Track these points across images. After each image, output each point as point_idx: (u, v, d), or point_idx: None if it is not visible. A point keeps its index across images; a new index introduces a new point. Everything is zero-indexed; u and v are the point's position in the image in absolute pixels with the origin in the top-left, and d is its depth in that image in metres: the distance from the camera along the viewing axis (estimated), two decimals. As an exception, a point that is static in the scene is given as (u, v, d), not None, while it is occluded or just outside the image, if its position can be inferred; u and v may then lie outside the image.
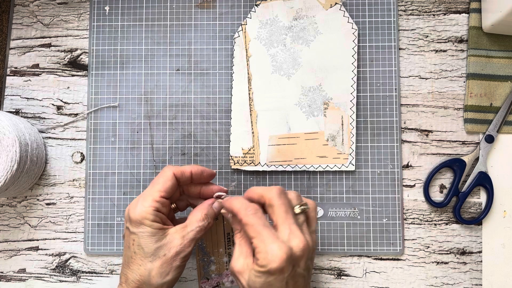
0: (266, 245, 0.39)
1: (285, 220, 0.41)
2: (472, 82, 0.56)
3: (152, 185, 0.45)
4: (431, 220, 0.56)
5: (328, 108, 0.56)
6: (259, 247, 0.39)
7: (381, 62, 0.57)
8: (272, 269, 0.38)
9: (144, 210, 0.43)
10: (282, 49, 0.57)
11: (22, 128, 0.53)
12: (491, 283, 0.55)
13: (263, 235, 0.39)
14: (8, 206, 0.57)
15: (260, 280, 0.39)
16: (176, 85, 0.57)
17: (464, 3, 0.58)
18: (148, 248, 0.43)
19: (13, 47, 0.58)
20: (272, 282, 0.39)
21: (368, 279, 0.56)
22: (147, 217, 0.43)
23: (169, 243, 0.43)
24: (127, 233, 0.45)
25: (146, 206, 0.43)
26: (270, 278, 0.39)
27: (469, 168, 0.56)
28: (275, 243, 0.39)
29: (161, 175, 0.45)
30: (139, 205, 0.43)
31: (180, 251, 0.43)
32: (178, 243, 0.43)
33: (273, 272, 0.39)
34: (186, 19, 0.58)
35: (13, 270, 0.57)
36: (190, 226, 0.45)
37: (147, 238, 0.43)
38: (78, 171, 0.57)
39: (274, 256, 0.38)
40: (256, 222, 0.40)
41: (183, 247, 0.44)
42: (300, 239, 0.40)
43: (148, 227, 0.43)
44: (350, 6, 0.57)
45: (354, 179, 0.56)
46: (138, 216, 0.43)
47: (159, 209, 0.44)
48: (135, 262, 0.44)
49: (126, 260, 0.45)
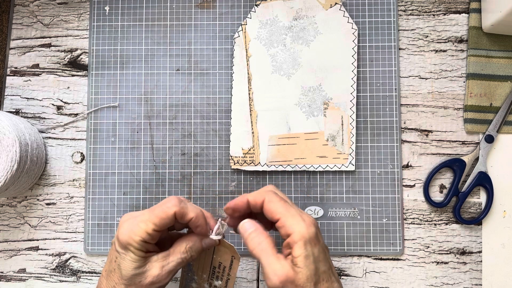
0: (295, 217, 0.40)
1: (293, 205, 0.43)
2: (472, 82, 0.56)
3: (151, 212, 0.42)
4: (431, 220, 0.56)
5: (328, 108, 0.56)
6: (288, 220, 0.40)
7: (381, 62, 0.57)
8: (313, 235, 0.39)
9: (132, 237, 0.41)
10: (282, 49, 0.57)
11: (22, 128, 0.53)
12: (491, 283, 0.55)
13: (290, 211, 0.41)
14: (8, 206, 0.57)
15: (311, 258, 0.39)
16: (176, 85, 0.57)
17: (464, 3, 0.58)
18: (126, 272, 0.42)
19: (13, 47, 0.58)
20: (318, 254, 0.39)
21: (368, 279, 0.56)
22: (133, 244, 0.41)
23: (147, 271, 0.42)
24: (113, 246, 0.43)
25: (136, 235, 0.41)
26: (315, 249, 0.39)
27: (469, 168, 0.56)
28: (302, 214, 0.41)
29: (163, 209, 0.42)
30: (130, 229, 0.42)
31: (156, 281, 0.42)
32: (155, 273, 0.42)
33: (314, 240, 0.39)
34: (186, 19, 0.58)
35: (13, 270, 0.57)
36: (172, 256, 0.43)
37: (128, 262, 0.42)
38: (78, 171, 0.57)
39: (306, 223, 0.40)
40: (280, 199, 0.42)
41: (159, 278, 0.42)
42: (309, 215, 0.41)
43: (131, 253, 0.42)
44: (350, 6, 0.57)
45: (354, 179, 0.56)
46: (126, 240, 0.41)
47: (148, 241, 0.42)
48: (113, 278, 0.43)
49: (106, 271, 0.44)
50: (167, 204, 0.42)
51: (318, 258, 0.39)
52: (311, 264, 0.39)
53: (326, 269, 0.40)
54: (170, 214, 0.42)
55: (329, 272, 0.40)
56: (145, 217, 0.42)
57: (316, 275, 0.39)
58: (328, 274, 0.40)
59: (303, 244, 0.39)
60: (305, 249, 0.39)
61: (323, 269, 0.39)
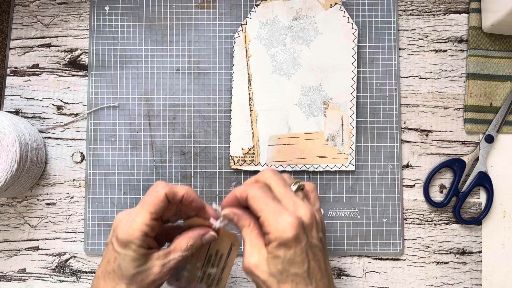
0: (276, 216, 0.38)
1: (286, 194, 0.40)
2: (472, 82, 0.56)
3: (143, 203, 0.42)
4: (431, 220, 0.56)
5: (328, 108, 0.56)
6: (268, 220, 0.38)
7: (381, 62, 0.57)
8: (288, 239, 0.38)
9: (132, 234, 0.41)
10: (282, 49, 0.57)
11: (22, 128, 0.53)
12: (491, 283, 0.55)
13: (271, 207, 0.39)
14: (8, 206, 0.57)
15: (279, 259, 0.38)
16: (176, 85, 0.57)
17: (464, 3, 0.58)
18: (127, 272, 0.41)
19: (13, 47, 0.58)
20: (292, 257, 0.38)
21: (368, 279, 0.56)
22: (134, 241, 0.41)
23: (149, 270, 0.42)
24: (110, 247, 0.42)
25: (135, 229, 0.41)
26: (289, 252, 0.38)
27: (469, 168, 0.56)
28: (284, 213, 0.38)
29: (153, 194, 0.42)
30: (128, 226, 0.41)
31: (157, 279, 0.42)
32: (157, 271, 0.42)
33: (289, 243, 0.38)
34: (186, 19, 0.58)
35: (13, 270, 0.57)
36: (173, 253, 0.43)
37: (129, 262, 0.41)
38: (78, 171, 0.57)
39: (286, 223, 0.38)
40: (263, 194, 0.40)
41: (161, 275, 0.42)
42: (306, 208, 0.39)
43: (132, 252, 0.41)
44: (350, 6, 0.57)
45: (354, 179, 0.56)
46: (126, 238, 0.41)
47: (148, 234, 0.41)
48: (111, 279, 0.42)
49: (102, 272, 0.43)
50: (156, 188, 0.42)
51: (290, 261, 0.38)
52: (278, 264, 0.38)
53: (300, 272, 0.39)
54: (162, 196, 0.42)
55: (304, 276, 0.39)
56: (139, 210, 0.42)
57: (282, 275, 0.39)
58: (302, 278, 0.39)
59: (276, 246, 0.38)
60: (276, 249, 0.38)
61: (294, 271, 0.38)
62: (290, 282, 0.39)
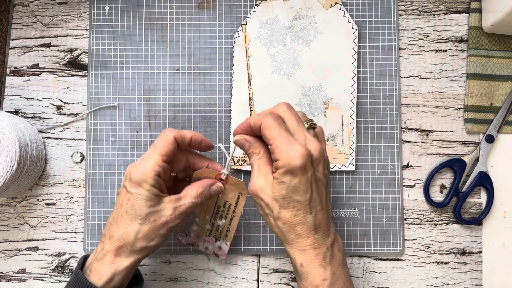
0: (287, 145, 0.40)
1: (299, 128, 0.42)
2: (472, 82, 0.56)
3: (153, 147, 0.45)
4: (431, 220, 0.56)
5: (328, 108, 0.56)
6: (279, 147, 0.40)
7: (381, 62, 0.57)
8: (295, 166, 0.40)
9: (145, 173, 0.43)
10: (282, 49, 0.57)
11: (22, 128, 0.53)
12: (491, 283, 0.55)
13: (283, 137, 0.40)
14: (8, 206, 0.57)
15: (284, 185, 0.40)
16: (176, 85, 0.57)
17: (464, 3, 0.58)
18: (141, 211, 0.44)
19: (13, 47, 0.58)
20: (297, 184, 0.40)
21: (368, 279, 0.56)
22: (147, 180, 0.43)
23: (161, 211, 0.44)
24: (123, 191, 0.45)
25: (148, 169, 0.43)
26: (295, 180, 0.40)
27: (469, 168, 0.56)
28: (295, 143, 0.40)
29: (162, 138, 0.45)
30: (141, 167, 0.44)
31: (169, 221, 0.44)
32: (169, 213, 0.44)
33: (296, 171, 0.40)
34: (186, 19, 0.58)
35: (12, 270, 0.57)
36: (184, 199, 0.45)
37: (142, 201, 0.43)
38: (78, 171, 0.57)
39: (295, 152, 0.40)
40: (277, 125, 0.41)
41: (173, 217, 0.44)
42: (316, 143, 0.41)
43: (146, 191, 0.43)
44: (350, 6, 0.57)
45: (354, 179, 0.56)
46: (139, 177, 0.43)
47: (160, 174, 0.44)
48: (124, 221, 0.44)
49: (115, 217, 0.45)
50: (165, 133, 0.45)
51: (294, 188, 0.40)
52: (282, 190, 0.41)
53: (302, 200, 0.41)
54: (171, 139, 0.45)
55: (305, 204, 0.41)
56: (150, 153, 0.44)
57: (284, 200, 0.41)
58: (303, 205, 0.41)
59: (283, 172, 0.40)
60: (283, 176, 0.40)
61: (296, 198, 0.41)
62: (291, 208, 0.41)
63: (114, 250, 0.44)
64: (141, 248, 0.44)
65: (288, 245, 0.43)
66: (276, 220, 0.42)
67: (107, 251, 0.44)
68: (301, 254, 0.42)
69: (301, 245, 0.42)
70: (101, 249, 0.45)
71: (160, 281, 0.56)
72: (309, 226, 0.42)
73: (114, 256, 0.44)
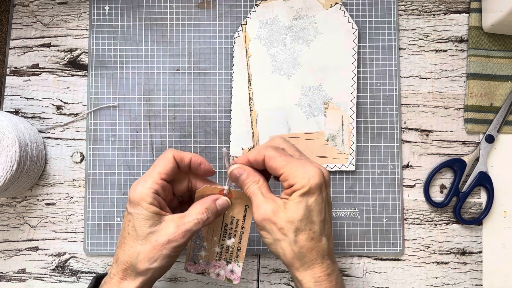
0: (300, 168, 0.41)
1: (301, 156, 0.43)
2: (472, 82, 0.56)
3: (153, 167, 0.44)
4: (431, 220, 0.56)
5: (328, 108, 0.56)
6: (293, 172, 0.41)
7: (381, 62, 0.57)
8: (315, 184, 0.40)
9: (143, 192, 0.43)
10: (282, 49, 0.57)
11: (22, 128, 0.53)
12: (491, 283, 0.55)
13: (293, 162, 0.41)
14: (8, 206, 0.57)
15: (302, 205, 0.40)
16: (176, 85, 0.57)
17: (464, 3, 0.58)
18: (141, 231, 0.43)
19: (13, 47, 0.58)
20: (314, 204, 0.40)
21: (368, 279, 0.56)
22: (145, 199, 0.42)
23: (163, 230, 0.43)
24: (125, 213, 0.44)
25: (146, 188, 0.43)
26: (312, 199, 0.40)
27: (469, 168, 0.56)
28: (308, 164, 0.41)
29: (161, 157, 0.45)
30: (139, 186, 0.43)
31: (172, 239, 0.43)
32: (171, 231, 0.43)
33: (314, 190, 0.40)
34: (186, 19, 0.58)
35: (12, 270, 0.57)
36: (188, 217, 0.44)
37: (142, 221, 0.43)
38: (78, 171, 0.57)
39: (313, 172, 0.40)
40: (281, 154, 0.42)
41: (176, 236, 0.43)
42: (322, 167, 0.42)
43: (145, 210, 0.42)
44: (350, 6, 0.57)
45: (354, 179, 0.56)
46: (137, 197, 0.43)
47: (158, 192, 0.43)
48: (127, 243, 0.44)
49: (120, 240, 0.45)
50: (164, 153, 0.45)
51: (311, 208, 0.40)
52: (300, 210, 0.40)
53: (318, 221, 0.41)
54: (170, 158, 0.44)
55: (320, 225, 0.41)
56: (149, 172, 0.44)
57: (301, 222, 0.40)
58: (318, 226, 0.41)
59: (302, 193, 0.40)
60: (301, 197, 0.40)
61: (313, 219, 0.41)
62: (308, 230, 0.41)
63: (120, 273, 0.44)
64: (144, 270, 0.43)
65: (298, 272, 0.41)
66: (292, 245, 0.41)
67: (114, 274, 0.44)
68: (316, 282, 0.41)
69: (317, 271, 0.41)
70: (109, 273, 0.45)
71: (160, 281, 0.56)
72: (324, 249, 0.41)
73: (120, 280, 0.44)
